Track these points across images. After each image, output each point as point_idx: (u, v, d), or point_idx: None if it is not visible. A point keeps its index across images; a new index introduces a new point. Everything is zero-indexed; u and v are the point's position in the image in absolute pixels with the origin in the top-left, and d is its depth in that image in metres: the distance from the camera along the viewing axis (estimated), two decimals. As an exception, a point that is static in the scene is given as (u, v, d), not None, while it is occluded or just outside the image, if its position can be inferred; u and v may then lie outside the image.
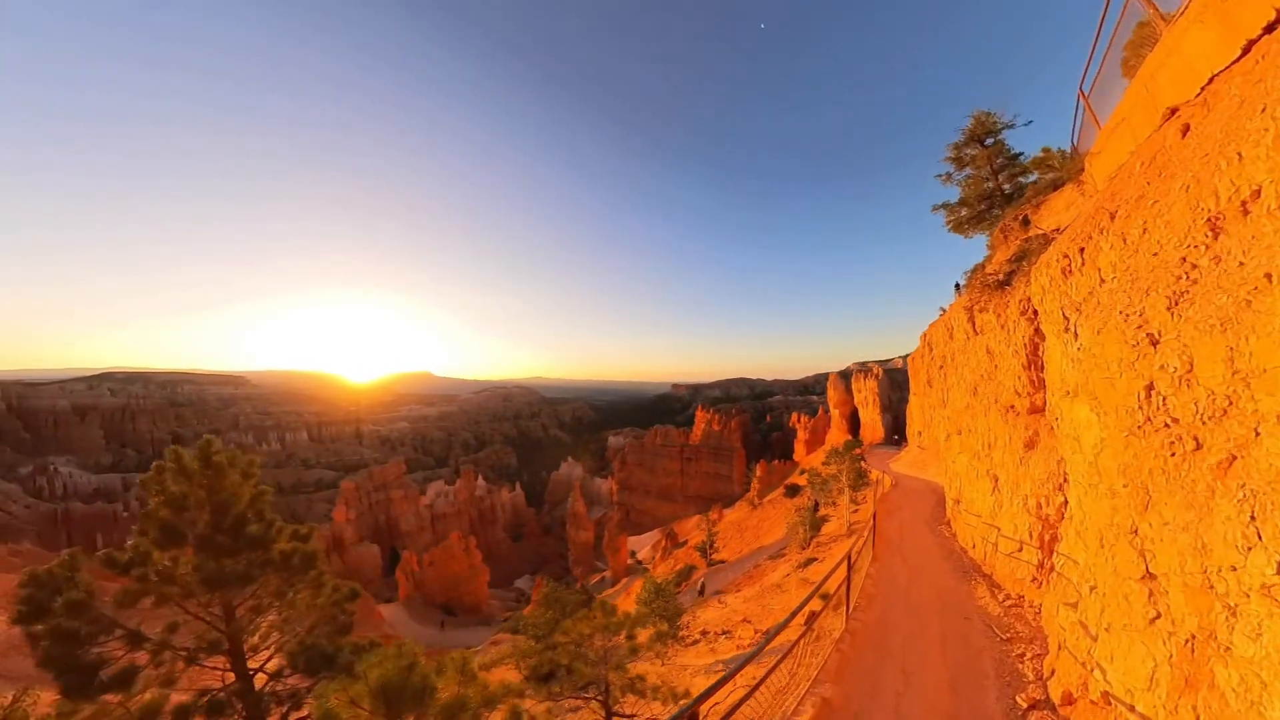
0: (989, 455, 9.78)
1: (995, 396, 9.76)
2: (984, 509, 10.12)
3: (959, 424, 11.73)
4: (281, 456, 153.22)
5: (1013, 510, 8.42)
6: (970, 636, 7.02)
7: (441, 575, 65.53)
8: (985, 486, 10.01)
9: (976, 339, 11.16)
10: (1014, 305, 9.09)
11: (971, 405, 11.01)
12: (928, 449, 33.11)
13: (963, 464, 11.50)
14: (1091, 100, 7.54)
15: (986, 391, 10.29)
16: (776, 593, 17.70)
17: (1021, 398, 8.67)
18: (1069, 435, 5.07)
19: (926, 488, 22.04)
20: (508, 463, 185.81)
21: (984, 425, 10.09)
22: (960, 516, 12.05)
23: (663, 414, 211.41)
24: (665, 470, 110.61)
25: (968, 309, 11.45)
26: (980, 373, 10.76)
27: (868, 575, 9.65)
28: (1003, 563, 8.81)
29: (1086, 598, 4.64)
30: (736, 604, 20.04)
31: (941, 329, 13.92)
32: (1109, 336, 4.19)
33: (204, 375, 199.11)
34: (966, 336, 11.75)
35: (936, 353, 14.76)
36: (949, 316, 13.16)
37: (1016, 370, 8.87)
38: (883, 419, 56.38)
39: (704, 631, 15.92)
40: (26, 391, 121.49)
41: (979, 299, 10.82)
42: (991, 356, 10.20)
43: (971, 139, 16.49)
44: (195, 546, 5.75)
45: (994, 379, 10.06)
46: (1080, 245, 5.15)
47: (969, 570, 10.13)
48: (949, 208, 16.91)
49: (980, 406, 10.42)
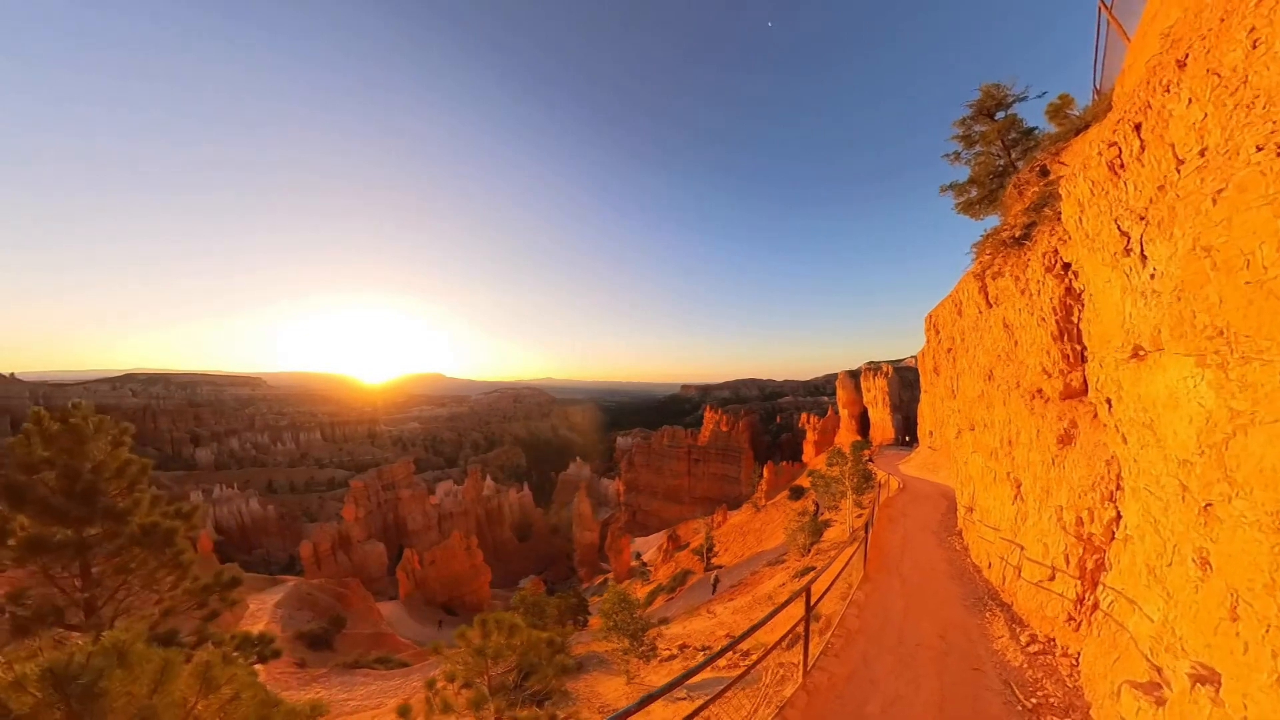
0: (1009, 454, 7.78)
1: (1016, 380, 7.75)
2: (1002, 520, 8.10)
3: (971, 417, 9.68)
4: (296, 455, 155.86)
5: (1041, 525, 6.44)
6: (981, 700, 5.11)
7: (442, 574, 65.14)
8: (1004, 493, 8.00)
9: (991, 312, 9.12)
10: (1036, 262, 7.10)
11: (987, 394, 8.99)
12: (939, 450, 30.67)
13: (976, 465, 9.47)
14: (1116, 12, 5.58)
15: (1005, 375, 8.27)
16: (768, 605, 16.07)
17: (1052, 378, 6.68)
18: (1135, 420, 3.18)
19: (937, 492, 19.93)
20: (517, 463, 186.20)
21: (1002, 417, 8.09)
22: (973, 527, 10.02)
23: (672, 415, 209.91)
24: (672, 471, 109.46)
25: (979, 277, 9.41)
26: (997, 353, 8.72)
27: (852, 602, 7.72)
28: (1027, 591, 6.82)
29: (1177, 683, 2.74)
30: (725, 615, 18.38)
31: (948, 308, 11.84)
32: (1245, 216, 2.29)
33: (222, 376, 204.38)
34: (979, 311, 9.70)
35: (944, 335, 12.63)
36: (957, 291, 11.09)
37: (1044, 344, 6.87)
38: (893, 419, 53.62)
39: (682, 646, 14.44)
40: (53, 392, 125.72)
41: (992, 263, 8.79)
42: (1010, 331, 8.17)
43: (980, 113, 14.86)
44: (38, 511, 5.46)
45: (1014, 359, 8.04)
46: (1135, 121, 3.25)
47: (983, 597, 8.12)
48: (958, 188, 15.33)
49: (997, 394, 8.40)
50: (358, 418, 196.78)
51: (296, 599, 32.98)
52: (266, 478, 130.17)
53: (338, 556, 70.37)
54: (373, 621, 40.10)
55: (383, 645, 31.56)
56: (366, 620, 39.06)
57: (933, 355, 13.73)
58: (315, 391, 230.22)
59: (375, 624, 39.78)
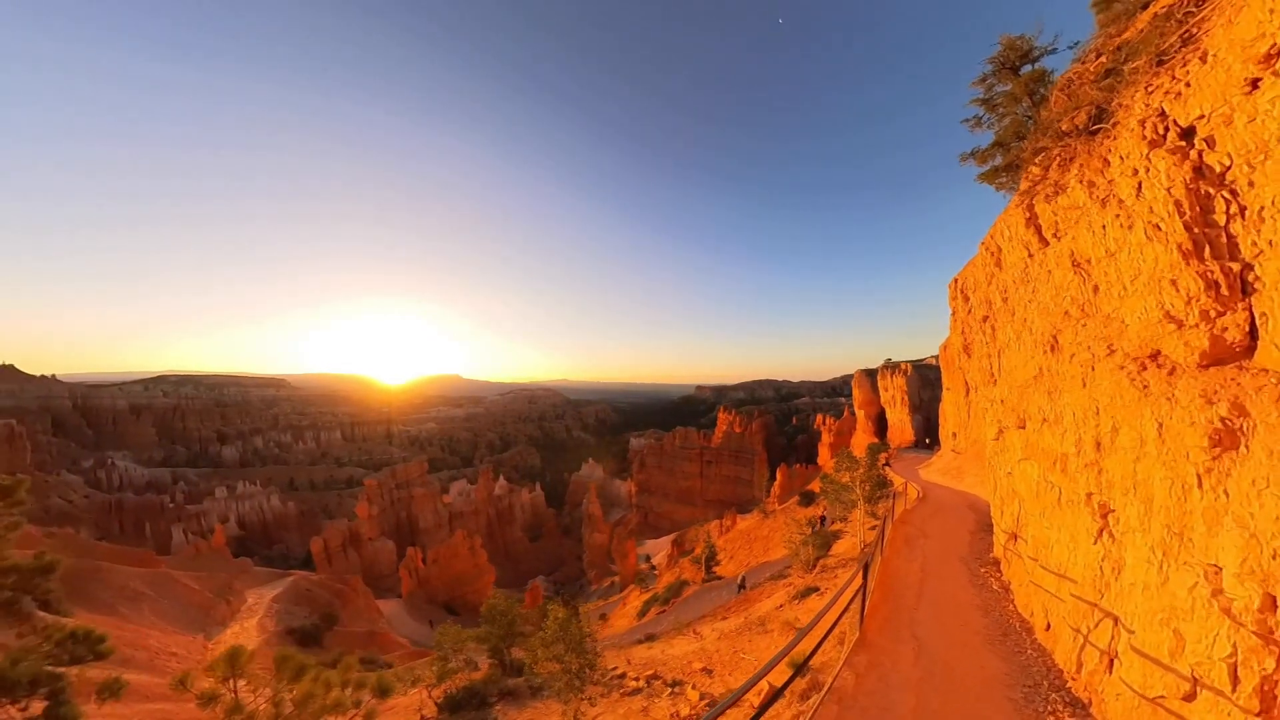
0: (1092, 464, 4.83)
1: (1107, 343, 4.79)
2: (1075, 566, 5.16)
3: (1022, 409, 6.65)
4: (317, 454, 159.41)
5: (1169, 594, 3.55)
6: None
7: (445, 574, 64.60)
8: (1079, 524, 5.06)
9: (1049, 251, 6.11)
10: (1131, 141, 4.19)
11: (1049, 372, 5.99)
12: (964, 453, 26.88)
13: (1028, 478, 6.46)
14: None
15: (1082, 340, 5.30)
16: (758, 631, 13.64)
17: (1185, 328, 3.76)
18: None
19: (963, 502, 16.62)
20: (531, 463, 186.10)
21: (1078, 405, 5.12)
22: (1019, 561, 7.02)
23: (686, 416, 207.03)
24: (684, 473, 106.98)
25: (1024, 203, 6.40)
26: (1063, 309, 5.75)
27: (835, 684, 4.92)
28: (1128, 704, 3.93)
29: None
30: (710, 640, 15.87)
31: (981, 263, 8.69)
32: None
33: (248, 378, 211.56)
34: (1028, 254, 6.67)
35: (977, 301, 9.45)
36: (992, 234, 7.95)
37: (1163, 270, 3.96)
38: (912, 420, 49.35)
39: (651, 678, 12.03)
40: (90, 392, 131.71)
41: (1045, 175, 5.82)
42: (1085, 271, 5.22)
43: (1003, 68, 12.33)
44: None
45: (1097, 312, 5.10)
46: None
47: (1039, 684, 5.19)
48: (979, 154, 12.80)
49: (1069, 371, 5.42)
50: (376, 418, 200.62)
51: (294, 594, 32.47)
52: (288, 475, 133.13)
53: (348, 553, 70.78)
54: (370, 619, 39.33)
55: (375, 644, 30.39)
56: (364, 617, 38.29)
57: (962, 331, 10.48)
58: (336, 392, 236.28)
59: (373, 621, 38.99)
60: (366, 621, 37.58)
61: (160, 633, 19.92)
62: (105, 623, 17.99)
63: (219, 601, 26.77)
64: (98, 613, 19.23)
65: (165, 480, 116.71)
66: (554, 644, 10.33)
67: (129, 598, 21.75)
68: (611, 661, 13.68)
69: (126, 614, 20.46)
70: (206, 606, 25.63)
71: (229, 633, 23.64)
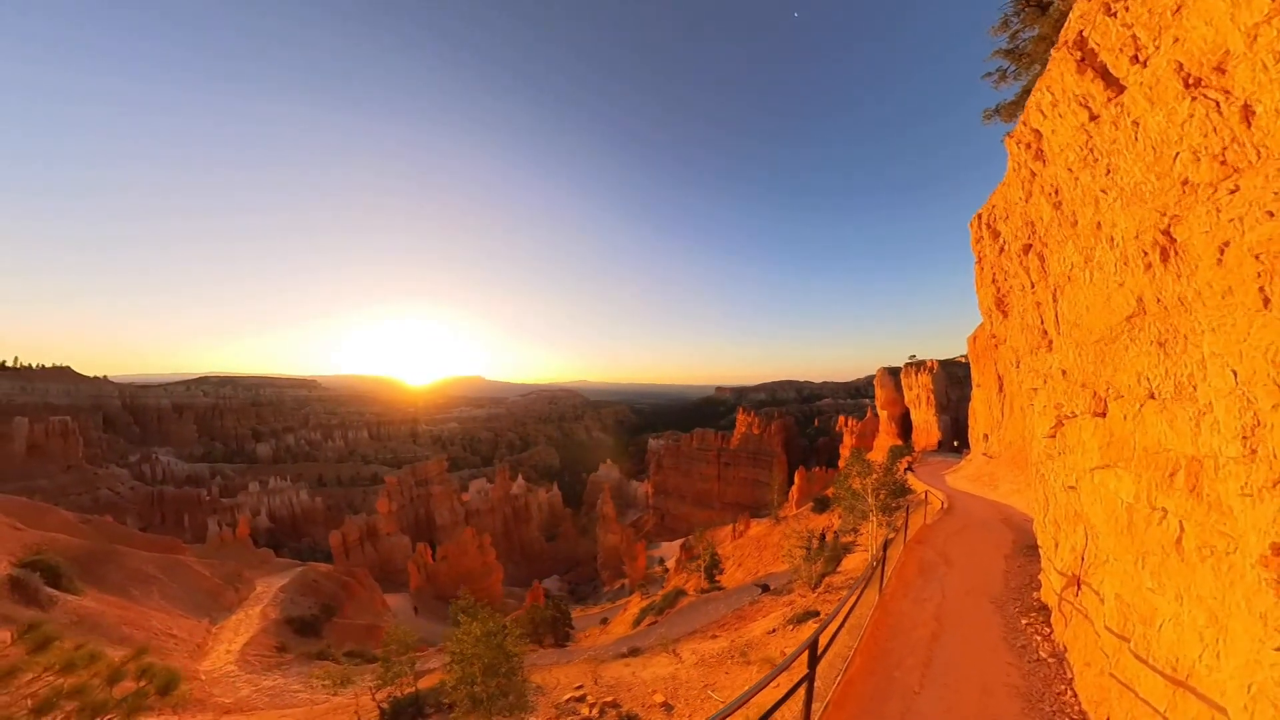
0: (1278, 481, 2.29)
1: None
2: (1219, 676, 2.61)
3: (1099, 379, 3.91)
4: (344, 452, 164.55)
5: None
6: None
7: (453, 570, 64.52)
8: (1233, 596, 2.50)
9: (1131, 89, 3.42)
10: None
11: (1159, 301, 3.33)
12: (997, 457, 23.17)
13: (1113, 497, 3.76)
14: None
15: (1227, 221, 2.72)
16: (739, 662, 11.80)
17: None
18: None
19: (997, 515, 13.53)
20: (550, 463, 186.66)
21: (1246, 354, 2.54)
22: (1081, 624, 4.34)
23: (705, 418, 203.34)
24: (701, 475, 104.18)
25: (1069, 44, 3.73)
26: (1181, 172, 3.12)
27: None
28: None
29: None
30: (688, 663, 13.76)
31: (1014, 167, 5.57)
32: None
33: (282, 379, 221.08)
34: (1089, 114, 3.88)
35: (1011, 228, 6.23)
36: (1026, 118, 4.86)
37: None
38: (939, 421, 44.83)
39: (610, 705, 10.26)
40: (138, 392, 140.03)
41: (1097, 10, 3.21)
42: (1214, 89, 2.64)
43: (1028, 5, 10.14)
44: None
45: (1256, 156, 2.55)
46: None
47: None
48: (1004, 109, 10.70)
49: (1210, 288, 2.78)
50: (401, 417, 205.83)
51: (301, 584, 32.69)
52: (317, 472, 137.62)
53: (364, 547, 72.04)
54: (375, 612, 38.95)
55: (374, 637, 29.84)
56: (368, 610, 37.96)
57: (993, 280, 7.23)
58: (364, 393, 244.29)
59: (376, 615, 38.60)
60: (370, 614, 37.24)
61: (165, 615, 19.86)
62: (113, 603, 18.22)
63: (228, 588, 26.69)
64: (108, 593, 19.26)
65: (204, 474, 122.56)
66: (466, 661, 8.32)
67: (140, 580, 21.85)
68: (578, 679, 12.33)
69: (136, 596, 20.51)
70: (215, 592, 25.57)
71: (233, 619, 23.52)
